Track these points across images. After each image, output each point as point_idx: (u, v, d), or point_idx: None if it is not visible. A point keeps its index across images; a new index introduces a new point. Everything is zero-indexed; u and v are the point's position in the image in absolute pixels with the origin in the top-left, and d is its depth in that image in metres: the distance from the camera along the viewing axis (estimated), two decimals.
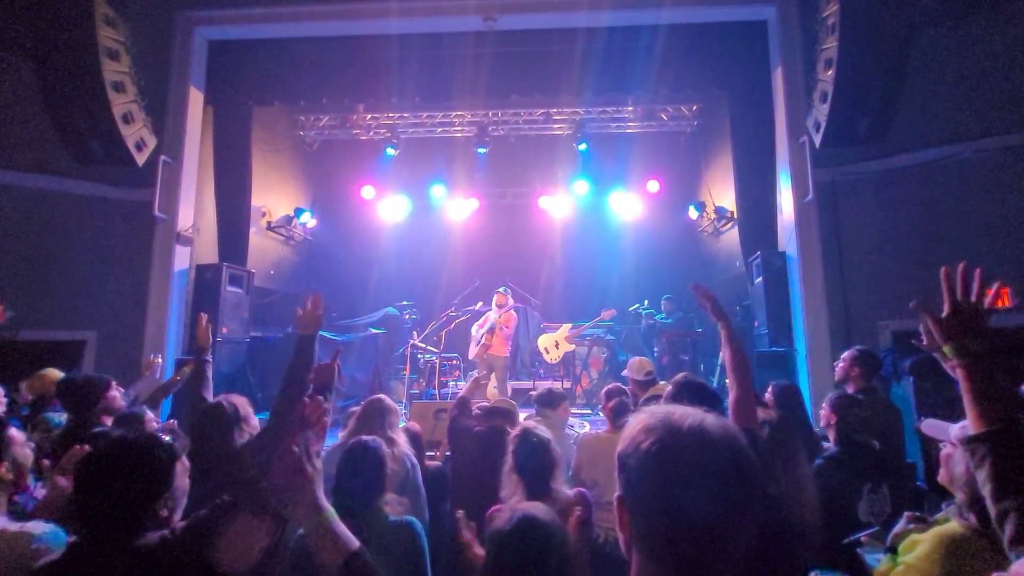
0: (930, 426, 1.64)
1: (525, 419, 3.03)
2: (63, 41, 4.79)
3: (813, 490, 1.86)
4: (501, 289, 6.97)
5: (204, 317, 2.94)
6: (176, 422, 3.15)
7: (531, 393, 4.39)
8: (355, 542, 1.08)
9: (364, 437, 2.15)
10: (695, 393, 1.91)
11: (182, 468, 1.32)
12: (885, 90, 4.93)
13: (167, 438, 1.31)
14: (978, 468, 1.15)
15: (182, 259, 5.95)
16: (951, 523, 1.45)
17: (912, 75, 5.07)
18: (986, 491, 1.15)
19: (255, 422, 2.35)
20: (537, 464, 2.10)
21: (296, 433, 1.02)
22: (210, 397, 2.66)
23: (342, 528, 1.09)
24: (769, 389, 2.95)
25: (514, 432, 2.27)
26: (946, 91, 5.02)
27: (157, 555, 1.11)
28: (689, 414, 0.78)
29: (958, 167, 4.89)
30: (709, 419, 0.78)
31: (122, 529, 1.16)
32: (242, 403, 2.32)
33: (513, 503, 2.02)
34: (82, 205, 5.53)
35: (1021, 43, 4.62)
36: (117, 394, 2.85)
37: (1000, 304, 4.35)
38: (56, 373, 3.36)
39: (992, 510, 1.14)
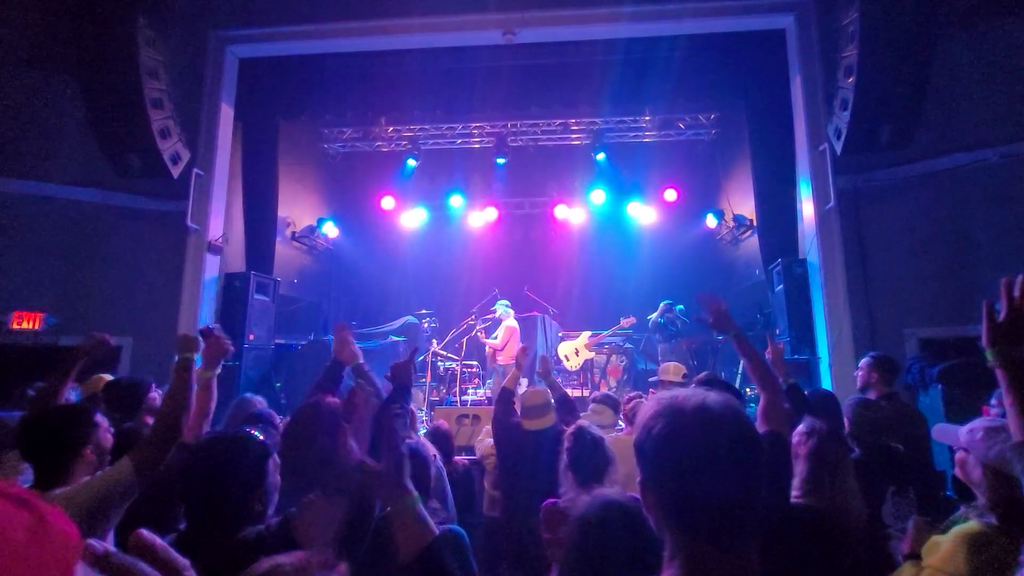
0: (940, 431, 1.65)
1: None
2: (107, 61, 5.05)
3: (859, 502, 1.82)
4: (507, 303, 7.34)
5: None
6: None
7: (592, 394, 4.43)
8: (435, 529, 1.10)
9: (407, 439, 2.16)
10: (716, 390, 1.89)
11: (274, 464, 1.34)
12: (907, 96, 4.87)
13: (259, 435, 1.35)
14: None
15: (212, 268, 6.14)
16: (971, 522, 1.45)
17: (935, 80, 5.01)
18: None
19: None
20: (591, 462, 2.10)
21: (358, 421, 1.04)
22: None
23: (424, 514, 1.11)
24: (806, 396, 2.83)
25: (569, 430, 2.26)
26: (970, 96, 4.97)
27: (255, 549, 1.12)
28: (692, 395, 0.85)
29: (984, 172, 4.82)
30: (711, 396, 0.84)
31: (220, 523, 1.21)
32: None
33: (571, 497, 2.00)
34: (120, 216, 5.77)
35: None
36: (157, 396, 2.97)
37: None
38: (107, 378, 3.53)
39: None
